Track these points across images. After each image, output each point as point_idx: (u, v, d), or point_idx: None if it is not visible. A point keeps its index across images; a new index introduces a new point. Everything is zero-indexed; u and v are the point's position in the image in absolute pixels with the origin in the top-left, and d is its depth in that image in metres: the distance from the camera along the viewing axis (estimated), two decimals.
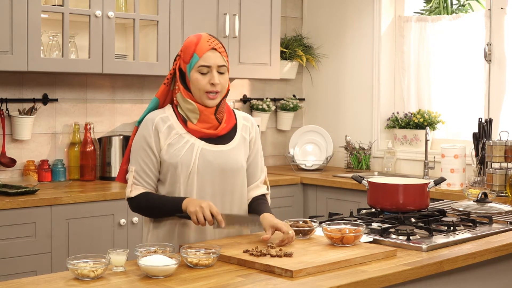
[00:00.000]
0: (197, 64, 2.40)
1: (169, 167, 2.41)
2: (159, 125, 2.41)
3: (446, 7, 5.06)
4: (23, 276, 3.03)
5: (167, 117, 2.44)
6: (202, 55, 2.39)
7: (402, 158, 4.87)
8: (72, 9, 3.88)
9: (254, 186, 2.57)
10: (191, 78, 2.41)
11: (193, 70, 2.40)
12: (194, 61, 2.40)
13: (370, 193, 2.87)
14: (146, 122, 2.44)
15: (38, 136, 4.15)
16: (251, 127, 2.58)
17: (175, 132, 2.42)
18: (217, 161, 2.43)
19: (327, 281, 1.97)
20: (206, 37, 2.43)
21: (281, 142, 5.37)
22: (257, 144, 2.59)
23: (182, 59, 2.44)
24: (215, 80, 2.39)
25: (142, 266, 1.99)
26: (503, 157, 3.80)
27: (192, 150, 2.40)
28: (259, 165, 2.59)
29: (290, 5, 5.41)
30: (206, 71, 2.40)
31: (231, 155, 2.47)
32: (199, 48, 2.40)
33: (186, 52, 2.43)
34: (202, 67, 2.39)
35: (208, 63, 2.39)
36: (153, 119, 2.43)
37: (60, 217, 3.59)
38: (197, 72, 2.40)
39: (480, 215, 2.92)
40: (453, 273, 2.35)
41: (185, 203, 2.35)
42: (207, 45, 2.40)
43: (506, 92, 4.40)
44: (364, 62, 5.09)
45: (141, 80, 4.55)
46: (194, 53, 2.40)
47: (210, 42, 2.41)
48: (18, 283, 1.93)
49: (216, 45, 2.42)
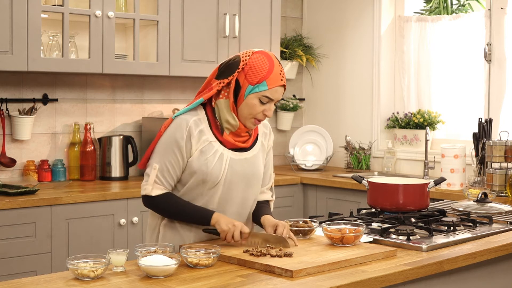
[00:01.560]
0: (262, 93, 2.35)
1: (196, 174, 2.38)
2: (192, 129, 2.36)
3: (446, 7, 5.06)
4: (23, 276, 3.03)
5: (200, 120, 2.39)
6: (272, 88, 2.36)
7: (402, 158, 4.87)
8: (72, 9, 3.88)
9: (260, 192, 2.58)
10: (248, 100, 2.36)
11: (254, 95, 2.35)
12: (261, 88, 2.35)
13: (370, 193, 2.87)
14: (181, 123, 2.37)
15: (38, 136, 4.15)
16: (269, 134, 2.59)
17: (205, 139, 2.38)
18: (243, 170, 2.43)
19: (327, 281, 1.97)
20: (278, 68, 2.37)
21: (281, 142, 5.37)
22: (271, 153, 2.61)
23: (246, 76, 2.36)
24: (270, 114, 2.39)
25: (142, 266, 1.99)
26: (503, 157, 3.80)
27: (222, 161, 2.38)
28: (269, 171, 2.61)
29: (290, 5, 5.41)
30: (266, 102, 2.37)
31: (254, 163, 2.47)
32: (271, 79, 2.35)
33: (255, 74, 2.35)
34: (265, 98, 2.36)
35: (273, 97, 2.37)
36: (187, 121, 2.37)
37: (60, 217, 3.59)
38: (258, 98, 2.36)
39: (480, 215, 2.92)
40: (453, 273, 2.35)
41: (215, 218, 2.34)
42: (279, 78, 2.36)
43: (506, 92, 4.40)
44: (364, 62, 5.09)
45: (141, 80, 4.55)
46: (264, 81, 2.34)
47: (282, 76, 2.37)
48: (18, 283, 1.93)
49: (285, 81, 2.39)
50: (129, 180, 4.26)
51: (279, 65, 2.39)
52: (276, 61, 2.39)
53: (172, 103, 4.65)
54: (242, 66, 2.37)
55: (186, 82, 4.70)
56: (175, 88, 4.69)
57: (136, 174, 4.47)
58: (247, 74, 2.36)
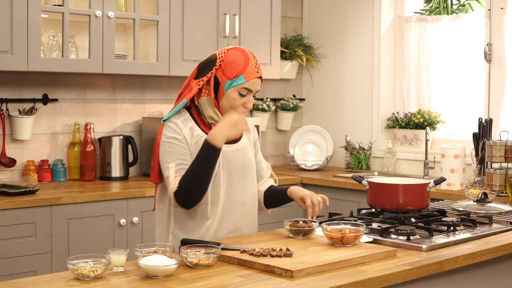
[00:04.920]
0: (240, 86, 2.45)
1: None
2: (182, 128, 2.47)
3: (446, 7, 5.06)
4: (23, 276, 3.03)
5: (186, 120, 2.50)
6: (249, 80, 2.45)
7: (402, 158, 4.87)
8: (72, 9, 3.88)
9: (263, 181, 2.71)
10: (228, 94, 2.46)
11: (233, 88, 2.46)
12: (239, 82, 2.45)
13: (370, 193, 2.87)
14: (171, 125, 2.47)
15: (38, 136, 4.15)
16: (252, 128, 2.69)
17: (197, 134, 2.47)
18: (237, 160, 2.53)
19: (327, 281, 1.97)
20: (253, 61, 2.49)
21: (281, 142, 5.37)
22: (258, 144, 2.72)
23: (224, 72, 2.46)
24: (250, 105, 2.48)
25: (142, 266, 1.99)
26: (503, 157, 3.80)
27: None
28: (264, 163, 2.74)
29: (290, 5, 5.41)
30: (246, 94, 2.46)
31: (244, 153, 2.57)
32: (248, 72, 2.45)
33: (231, 69, 2.45)
34: (244, 89, 2.46)
35: (251, 89, 2.47)
36: (175, 122, 2.47)
37: (60, 217, 3.59)
38: (237, 92, 2.46)
39: (480, 215, 2.92)
40: (453, 273, 2.35)
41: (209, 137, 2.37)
42: (255, 71, 2.47)
43: (506, 92, 4.40)
44: (364, 62, 5.09)
45: (141, 80, 4.55)
46: (241, 74, 2.44)
47: (258, 68, 2.48)
48: (18, 283, 1.93)
49: (261, 72, 2.50)
50: (129, 180, 4.26)
51: (254, 58, 2.51)
52: (251, 55, 2.50)
53: (172, 103, 4.65)
54: (219, 63, 2.47)
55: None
56: (175, 88, 4.69)
57: (136, 174, 4.47)
58: (225, 69, 2.46)
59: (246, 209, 2.57)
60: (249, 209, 2.60)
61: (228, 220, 2.53)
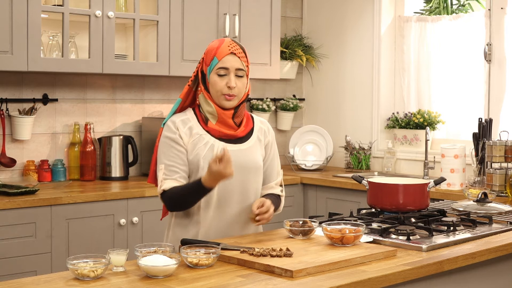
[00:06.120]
0: (216, 67, 2.49)
1: (192, 166, 2.49)
2: (180, 127, 2.50)
3: (446, 7, 5.06)
4: (23, 276, 3.03)
5: (188, 119, 2.53)
6: (221, 58, 2.48)
7: (402, 158, 4.87)
8: (72, 9, 3.88)
9: (269, 187, 2.67)
10: (210, 80, 2.50)
11: (212, 73, 2.50)
12: (214, 63, 2.49)
13: (370, 193, 2.86)
14: (169, 125, 2.52)
15: (38, 136, 4.15)
16: (267, 131, 2.68)
17: (196, 132, 2.50)
18: (237, 160, 2.48)
19: (327, 281, 1.97)
20: (228, 42, 2.52)
21: (281, 142, 5.37)
22: (274, 148, 2.70)
23: (204, 61, 2.53)
24: (232, 83, 2.48)
25: (142, 266, 1.99)
26: (503, 157, 3.80)
27: (213, 151, 2.48)
28: (275, 168, 2.70)
29: (290, 5, 5.41)
30: (224, 73, 2.49)
31: (249, 154, 2.56)
32: (219, 52, 2.49)
33: (208, 55, 2.52)
34: (220, 69, 2.49)
35: (226, 66, 2.48)
36: (174, 122, 2.52)
37: (60, 217, 3.59)
38: (216, 74, 2.49)
39: (480, 215, 2.92)
40: (453, 273, 2.35)
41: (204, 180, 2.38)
42: (227, 49, 2.49)
43: (506, 92, 4.40)
44: (364, 62, 5.09)
45: (141, 80, 4.55)
46: (214, 56, 2.49)
47: (231, 47, 2.50)
48: (18, 283, 1.93)
49: (236, 50, 2.51)
50: (129, 180, 4.26)
51: (231, 41, 2.52)
52: (228, 40, 2.53)
53: (172, 103, 4.65)
54: (202, 57, 2.56)
55: (186, 82, 4.68)
56: (175, 88, 4.69)
57: (136, 174, 4.47)
58: (204, 60, 2.54)
59: (247, 210, 2.55)
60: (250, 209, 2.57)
61: (226, 220, 2.53)
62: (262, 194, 2.64)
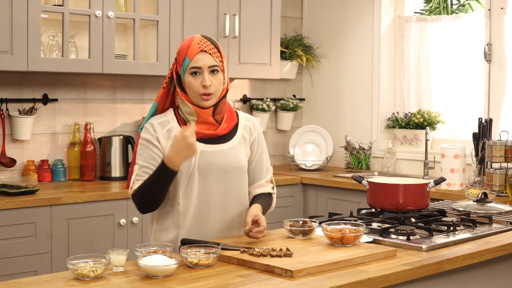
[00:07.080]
0: (188, 67, 2.42)
1: None
2: (158, 129, 2.45)
3: (446, 7, 5.06)
4: (23, 276, 3.03)
5: (167, 121, 2.47)
6: (192, 58, 2.42)
7: (402, 158, 4.87)
8: (72, 9, 3.88)
9: (259, 185, 2.59)
10: (185, 81, 2.44)
11: (186, 73, 2.43)
12: (186, 64, 2.43)
13: (370, 193, 2.86)
14: (147, 127, 2.47)
15: (38, 136, 4.15)
16: (253, 128, 2.59)
17: (174, 135, 2.41)
18: (218, 161, 2.45)
19: (327, 281, 1.97)
20: (198, 39, 2.45)
21: (281, 142, 5.37)
22: (261, 145, 2.61)
23: (178, 62, 2.47)
24: (206, 82, 2.41)
25: (142, 266, 1.99)
26: (503, 157, 3.80)
27: None
28: (265, 165, 2.61)
29: (290, 5, 5.41)
30: (198, 73, 2.42)
31: (231, 154, 2.49)
32: (190, 51, 2.42)
33: (180, 56, 2.46)
34: (193, 69, 2.42)
35: (198, 65, 2.42)
36: (152, 124, 2.46)
37: (60, 217, 3.59)
38: (190, 74, 2.43)
39: (480, 215, 2.92)
40: (453, 273, 2.35)
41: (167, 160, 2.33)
42: (197, 47, 2.42)
43: (506, 92, 4.40)
44: (364, 62, 5.09)
45: (141, 80, 4.55)
46: (186, 56, 2.43)
47: (201, 45, 2.43)
48: (18, 283, 1.93)
49: (206, 46, 2.43)
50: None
51: (202, 38, 2.45)
52: (198, 37, 2.45)
53: None
54: (175, 57, 2.49)
55: None
56: None
57: None
58: (177, 61, 2.47)
59: (230, 212, 2.50)
60: (234, 211, 2.51)
61: (206, 223, 2.46)
62: (252, 194, 2.58)
